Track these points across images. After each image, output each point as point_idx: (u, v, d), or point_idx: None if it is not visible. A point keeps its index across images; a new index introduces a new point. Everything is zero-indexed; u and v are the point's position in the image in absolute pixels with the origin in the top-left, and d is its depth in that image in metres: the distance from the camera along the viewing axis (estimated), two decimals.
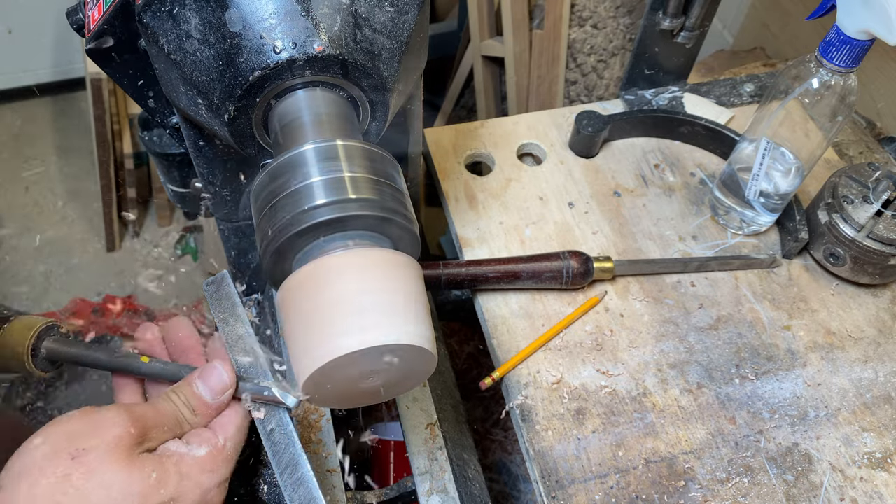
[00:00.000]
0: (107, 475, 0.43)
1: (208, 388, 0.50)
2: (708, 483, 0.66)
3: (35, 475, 0.42)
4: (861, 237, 0.75)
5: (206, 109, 0.49)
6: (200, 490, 0.47)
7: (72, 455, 0.43)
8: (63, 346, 0.55)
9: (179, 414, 0.49)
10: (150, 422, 0.47)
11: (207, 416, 0.50)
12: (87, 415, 0.46)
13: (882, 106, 1.15)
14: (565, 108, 0.97)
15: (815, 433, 0.70)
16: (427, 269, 0.75)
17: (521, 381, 0.72)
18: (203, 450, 0.48)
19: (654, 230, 0.85)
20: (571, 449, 0.68)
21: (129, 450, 0.45)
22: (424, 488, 0.69)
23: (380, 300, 0.43)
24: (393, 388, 0.49)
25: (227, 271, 0.60)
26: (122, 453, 0.44)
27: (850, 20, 0.62)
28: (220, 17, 0.46)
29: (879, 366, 0.75)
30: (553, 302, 0.78)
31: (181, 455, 0.47)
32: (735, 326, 0.77)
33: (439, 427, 0.72)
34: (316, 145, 0.46)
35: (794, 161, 0.75)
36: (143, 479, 0.44)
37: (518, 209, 0.86)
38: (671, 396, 0.72)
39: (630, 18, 1.40)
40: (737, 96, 0.99)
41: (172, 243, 1.90)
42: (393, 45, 0.50)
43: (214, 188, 0.67)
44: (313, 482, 0.51)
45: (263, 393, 0.52)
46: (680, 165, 0.92)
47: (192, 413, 0.50)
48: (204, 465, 0.47)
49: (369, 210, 0.44)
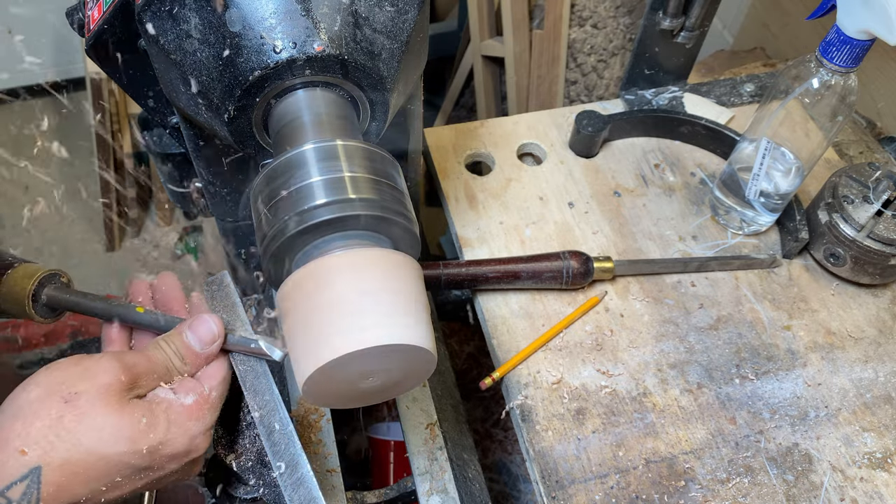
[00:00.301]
0: (98, 418, 0.45)
1: (198, 338, 0.52)
2: (708, 483, 0.66)
3: (29, 417, 0.44)
4: (861, 237, 0.75)
5: (206, 109, 0.49)
6: (188, 435, 0.49)
7: (64, 398, 0.45)
8: (63, 293, 0.57)
9: (169, 362, 0.51)
10: (140, 369, 0.49)
11: (196, 366, 0.52)
12: (78, 361, 0.47)
13: (882, 106, 1.15)
14: (565, 108, 0.97)
15: (816, 433, 0.70)
16: (427, 269, 0.75)
17: (521, 381, 0.72)
18: (190, 398, 0.50)
19: (654, 230, 0.85)
20: (571, 449, 0.68)
21: (120, 395, 0.46)
22: (424, 488, 0.69)
23: (380, 300, 0.43)
24: (393, 388, 0.49)
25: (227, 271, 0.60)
26: (113, 398, 0.46)
27: (850, 20, 0.62)
28: (219, 16, 0.46)
29: (880, 366, 0.75)
30: (553, 302, 0.78)
31: (170, 402, 0.49)
32: (735, 326, 0.77)
33: (439, 427, 0.72)
34: (316, 145, 0.46)
35: (794, 161, 0.75)
36: (133, 423, 0.46)
37: (518, 209, 0.86)
38: (671, 396, 0.72)
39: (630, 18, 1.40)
40: (737, 96, 0.99)
41: (172, 243, 1.90)
42: (393, 45, 0.50)
43: (214, 188, 0.67)
44: (313, 482, 0.51)
45: (250, 346, 0.53)
46: (680, 165, 0.92)
47: (181, 362, 0.51)
48: (191, 412, 0.49)
49: (369, 210, 0.44)
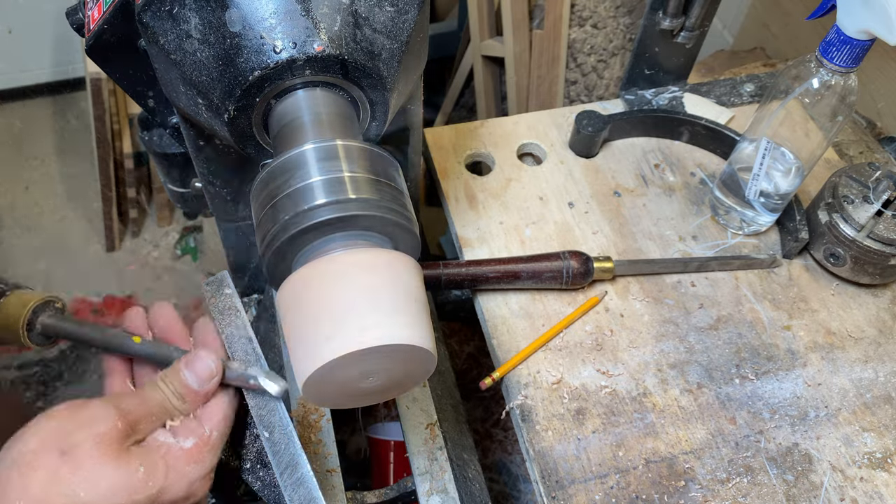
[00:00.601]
0: (95, 470, 0.44)
1: (195, 376, 0.51)
2: (708, 483, 0.66)
3: (25, 469, 0.43)
4: (861, 237, 0.75)
5: (206, 109, 0.49)
6: (187, 481, 0.48)
7: (61, 450, 0.44)
8: (58, 321, 0.56)
9: (168, 402, 0.50)
10: (138, 414, 0.48)
11: (195, 403, 0.51)
12: (75, 410, 0.46)
13: (882, 106, 1.15)
14: (565, 108, 0.97)
15: (816, 433, 0.70)
16: (427, 269, 0.75)
17: (521, 381, 0.72)
18: (190, 441, 0.49)
19: (654, 230, 0.85)
20: (571, 449, 0.68)
21: (118, 443, 0.46)
22: (424, 488, 0.69)
23: (380, 300, 0.43)
24: (393, 388, 0.49)
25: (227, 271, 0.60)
26: (111, 448, 0.45)
27: (850, 20, 0.62)
28: (219, 16, 0.46)
29: (880, 366, 0.75)
30: (553, 302, 0.78)
31: (169, 447, 0.48)
32: (735, 326, 0.77)
33: (439, 427, 0.72)
34: (316, 145, 0.46)
35: (794, 161, 0.75)
36: (130, 473, 0.45)
37: (518, 209, 0.86)
38: (671, 396, 0.72)
39: (630, 18, 1.40)
40: (737, 96, 0.99)
41: (172, 243, 1.90)
42: (393, 45, 0.50)
43: (214, 188, 0.67)
44: (313, 482, 0.51)
45: (249, 381, 0.52)
46: (680, 165, 0.92)
47: (180, 401, 0.50)
48: (190, 456, 0.48)
49: (369, 210, 0.44)
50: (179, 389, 0.50)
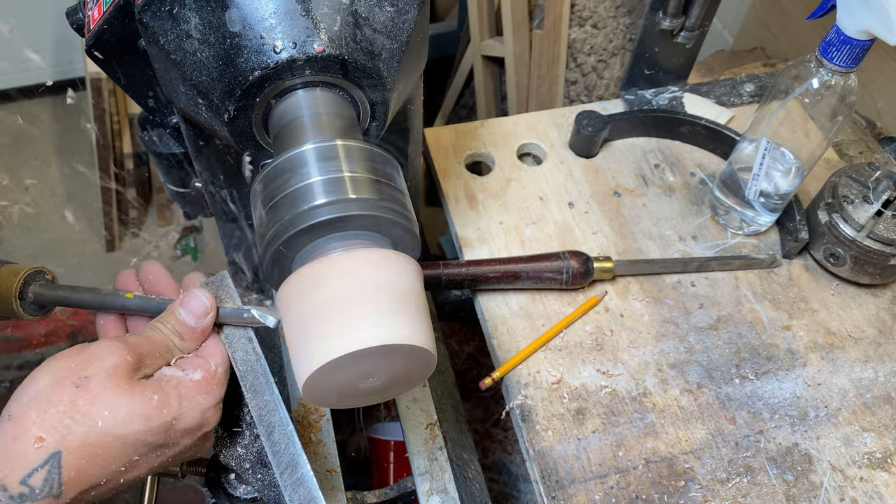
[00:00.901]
0: (110, 399, 0.45)
1: (191, 313, 0.52)
2: (708, 483, 0.66)
3: (42, 404, 0.44)
4: (861, 237, 0.75)
5: (206, 109, 0.49)
6: (199, 409, 0.49)
7: (75, 383, 0.45)
8: (49, 289, 0.57)
9: (169, 341, 0.51)
10: (143, 350, 0.49)
11: (195, 341, 0.52)
12: (82, 349, 0.48)
13: (882, 106, 1.15)
14: (565, 108, 0.97)
15: (816, 433, 0.70)
16: (427, 269, 0.75)
17: (521, 381, 0.72)
18: (198, 373, 0.50)
19: (654, 230, 0.85)
20: (571, 449, 0.68)
21: (129, 375, 0.47)
22: (424, 488, 0.69)
23: (379, 300, 0.43)
24: (393, 388, 0.49)
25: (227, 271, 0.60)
26: (123, 379, 0.46)
27: (850, 20, 0.62)
28: (220, 17, 0.46)
29: (879, 366, 0.75)
30: (553, 302, 0.78)
31: (179, 379, 0.49)
32: (735, 326, 0.77)
33: (439, 427, 0.72)
34: (316, 145, 0.46)
35: (794, 161, 0.75)
36: (145, 401, 0.46)
37: (518, 209, 0.86)
38: (671, 396, 0.72)
39: (630, 18, 1.40)
40: (737, 96, 0.99)
41: (172, 243, 1.90)
42: (393, 45, 0.50)
43: (214, 188, 0.67)
44: (313, 482, 0.51)
45: (243, 315, 0.53)
46: (680, 165, 0.92)
47: (180, 339, 0.52)
48: (200, 386, 0.50)
49: (369, 210, 0.44)
50: (178, 328, 0.52)
